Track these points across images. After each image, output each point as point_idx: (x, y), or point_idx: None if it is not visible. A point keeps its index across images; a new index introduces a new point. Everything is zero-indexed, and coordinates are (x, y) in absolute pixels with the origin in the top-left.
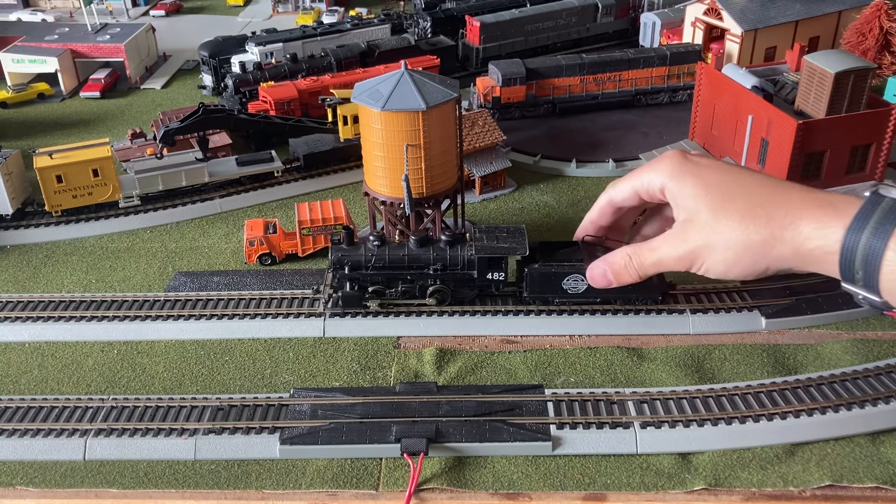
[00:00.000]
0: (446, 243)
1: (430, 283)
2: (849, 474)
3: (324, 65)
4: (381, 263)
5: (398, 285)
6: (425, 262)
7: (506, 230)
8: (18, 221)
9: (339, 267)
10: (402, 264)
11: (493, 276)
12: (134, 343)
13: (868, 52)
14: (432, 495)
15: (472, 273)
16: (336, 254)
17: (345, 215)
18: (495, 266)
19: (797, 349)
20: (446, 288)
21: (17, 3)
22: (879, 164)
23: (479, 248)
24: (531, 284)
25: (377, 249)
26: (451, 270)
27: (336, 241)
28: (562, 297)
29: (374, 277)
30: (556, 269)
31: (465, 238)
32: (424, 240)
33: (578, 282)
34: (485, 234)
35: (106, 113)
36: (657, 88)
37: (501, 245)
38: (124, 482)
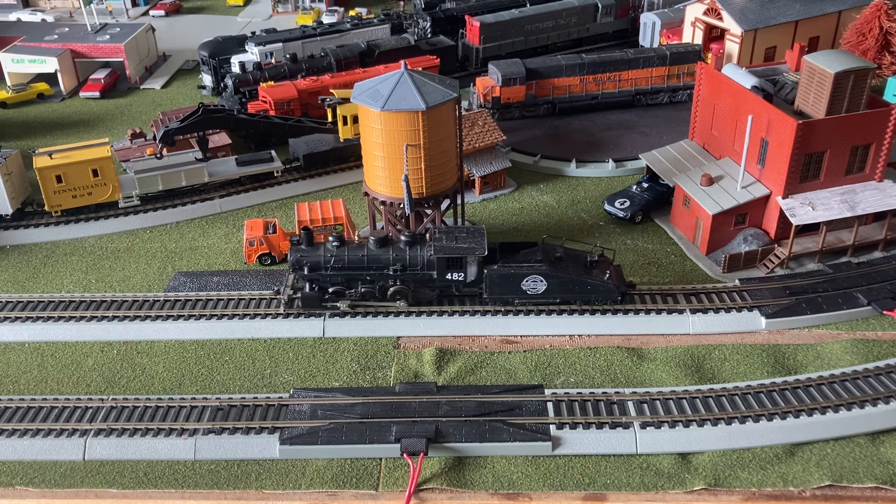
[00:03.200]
0: (406, 244)
1: (390, 284)
2: (849, 474)
3: (324, 65)
4: (340, 264)
5: (358, 286)
6: (385, 262)
7: (465, 231)
8: (18, 221)
9: (299, 268)
10: (361, 265)
11: (453, 277)
12: (134, 343)
13: (868, 52)
14: (432, 495)
15: (431, 273)
16: (295, 255)
17: (345, 215)
18: (454, 266)
19: (797, 349)
20: (407, 288)
21: (17, 3)
22: (879, 164)
23: (437, 249)
24: (490, 285)
25: (336, 250)
26: (411, 271)
27: (295, 242)
28: (521, 298)
29: (334, 278)
30: (515, 270)
31: (424, 238)
32: (384, 240)
33: (537, 282)
34: (444, 235)
35: (106, 113)
36: (657, 88)
37: (460, 245)
38: (124, 482)
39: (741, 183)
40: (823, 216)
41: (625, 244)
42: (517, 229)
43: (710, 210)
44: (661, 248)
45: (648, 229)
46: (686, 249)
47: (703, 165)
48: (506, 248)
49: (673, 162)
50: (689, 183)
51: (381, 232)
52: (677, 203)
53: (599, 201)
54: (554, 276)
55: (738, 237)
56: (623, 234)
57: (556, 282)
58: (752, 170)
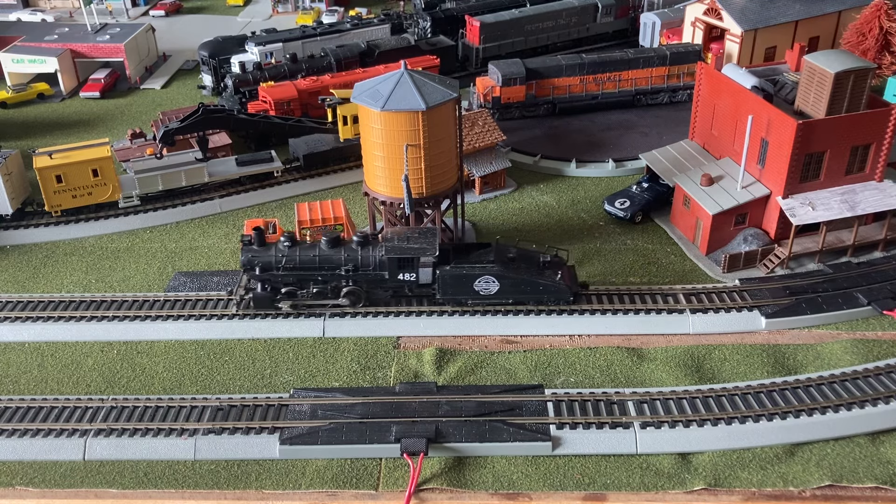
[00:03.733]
0: (357, 244)
1: (343, 284)
2: (849, 474)
3: (324, 65)
4: (291, 264)
5: (311, 286)
6: (336, 262)
7: (418, 231)
8: (18, 221)
9: (250, 268)
10: (313, 265)
11: (405, 277)
12: (134, 343)
13: (868, 52)
14: (432, 495)
15: (383, 274)
16: (246, 255)
17: (344, 215)
18: (406, 266)
19: (797, 349)
20: (360, 289)
21: (17, 3)
22: (879, 164)
23: (388, 249)
24: (443, 286)
25: (288, 250)
26: (363, 271)
27: (247, 242)
28: (475, 299)
29: (286, 278)
30: (468, 271)
31: (377, 239)
32: (336, 240)
33: (490, 283)
34: (396, 236)
35: (106, 113)
36: (657, 88)
37: (412, 246)
38: (124, 482)
39: (741, 183)
40: (823, 216)
41: (625, 244)
42: (517, 229)
43: (710, 210)
44: (661, 248)
45: (648, 229)
46: (686, 249)
47: (703, 165)
48: (460, 248)
49: (673, 162)
50: (689, 183)
51: (332, 231)
52: (677, 203)
53: (599, 201)
54: (506, 277)
55: (738, 237)
56: (623, 234)
57: (509, 282)
58: (752, 170)
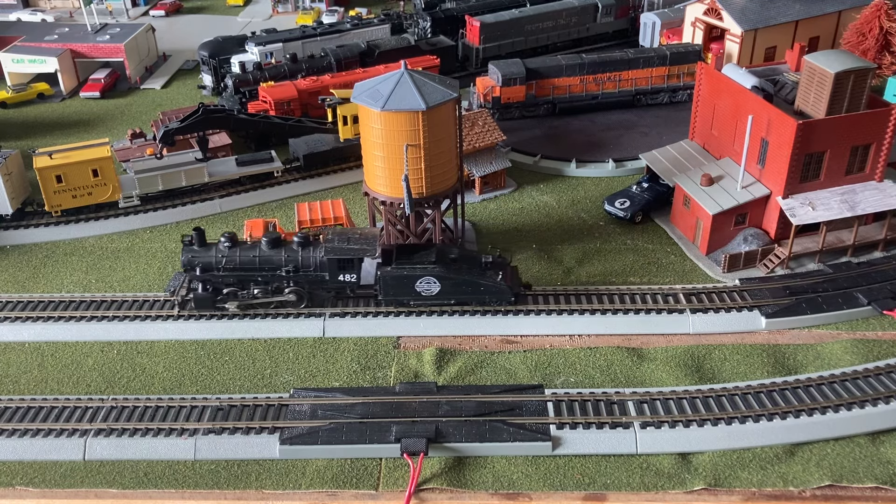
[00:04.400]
0: (298, 244)
1: (284, 285)
2: (849, 474)
3: (324, 65)
4: (231, 265)
5: (251, 287)
6: (277, 263)
7: (359, 232)
8: (18, 221)
9: (191, 268)
10: (253, 265)
11: (345, 278)
12: (134, 343)
13: (868, 52)
14: (432, 495)
15: (324, 275)
16: (187, 255)
17: (345, 215)
18: (346, 267)
19: (797, 349)
20: (301, 290)
21: (17, 3)
22: (879, 164)
23: (328, 250)
24: (385, 287)
25: (228, 251)
26: (304, 272)
27: (187, 243)
28: (416, 300)
29: (227, 279)
30: (409, 272)
31: (318, 240)
32: (276, 241)
33: (431, 284)
34: (337, 236)
35: (106, 113)
36: (657, 88)
37: (352, 247)
38: (124, 482)
39: (741, 183)
40: (823, 216)
41: (625, 244)
42: (517, 229)
43: (710, 210)
44: (661, 248)
45: (648, 229)
46: (686, 249)
47: (703, 165)
48: (403, 249)
49: (673, 162)
50: (689, 183)
51: (274, 232)
52: (677, 203)
53: (599, 201)
54: (447, 278)
55: (738, 237)
56: (623, 234)
57: (450, 283)
58: (752, 170)
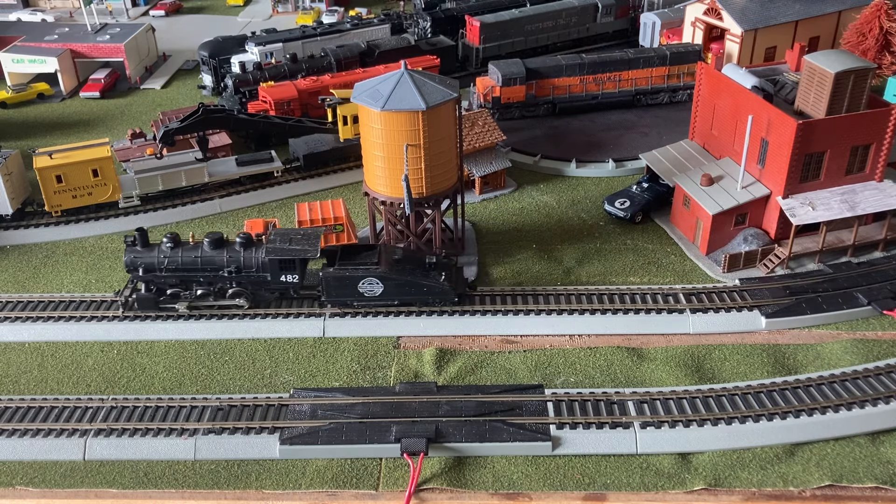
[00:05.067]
0: (240, 245)
1: (228, 286)
2: (849, 474)
3: (324, 65)
4: (174, 266)
5: (194, 288)
6: (219, 264)
7: (301, 233)
8: (18, 221)
9: (133, 269)
10: (195, 266)
11: (287, 279)
12: (134, 343)
13: (868, 52)
14: (432, 495)
15: (265, 275)
16: (129, 256)
17: (345, 215)
18: (287, 268)
19: (797, 349)
20: (245, 290)
21: (17, 3)
22: (879, 164)
23: (269, 251)
24: (327, 288)
25: (170, 251)
26: (246, 272)
27: (130, 243)
28: (359, 301)
29: (169, 280)
30: (351, 273)
31: (261, 240)
32: (219, 241)
33: (374, 284)
34: (278, 237)
35: (106, 113)
36: (657, 88)
37: (293, 247)
38: (124, 482)
39: (741, 183)
40: (823, 216)
41: (625, 244)
42: (517, 229)
43: (710, 210)
44: (661, 248)
45: (648, 229)
46: (686, 249)
47: (703, 165)
48: (348, 250)
49: (673, 162)
50: (689, 183)
51: (216, 233)
52: (677, 203)
53: (599, 201)
54: (389, 278)
55: (738, 237)
56: (623, 234)
57: (393, 284)
58: (752, 170)
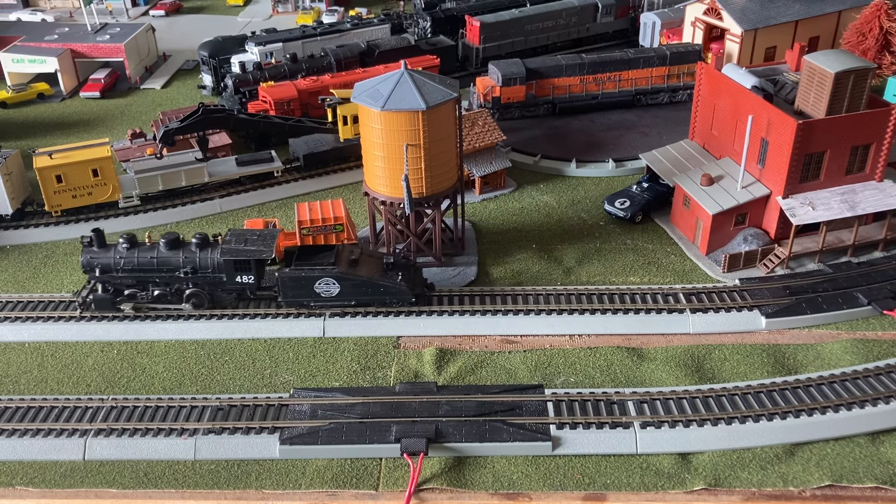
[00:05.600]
0: (196, 246)
1: (185, 287)
2: (849, 474)
3: (324, 65)
4: (130, 266)
5: (150, 288)
6: (175, 265)
7: (257, 234)
8: (18, 221)
9: (90, 270)
10: (151, 267)
11: (242, 280)
12: (134, 343)
13: (868, 52)
14: (432, 495)
15: (221, 276)
16: (86, 256)
17: (345, 215)
18: (243, 269)
19: (797, 349)
20: (202, 291)
21: (17, 3)
22: (879, 164)
23: (224, 251)
24: (283, 288)
25: (126, 252)
26: (202, 273)
27: (86, 244)
28: (316, 301)
29: (126, 280)
30: (307, 273)
31: (216, 241)
32: (175, 242)
33: (330, 285)
34: (234, 238)
35: (106, 113)
36: (657, 88)
37: (248, 248)
38: (124, 482)
39: (741, 183)
40: (823, 216)
41: (625, 244)
42: (517, 229)
43: (710, 210)
44: (661, 248)
45: (648, 229)
46: (686, 249)
47: (703, 165)
48: (305, 250)
49: (673, 162)
50: (689, 183)
51: (171, 233)
52: (677, 203)
53: (599, 201)
54: (346, 279)
55: (738, 237)
56: (623, 234)
57: (349, 284)
58: (752, 170)
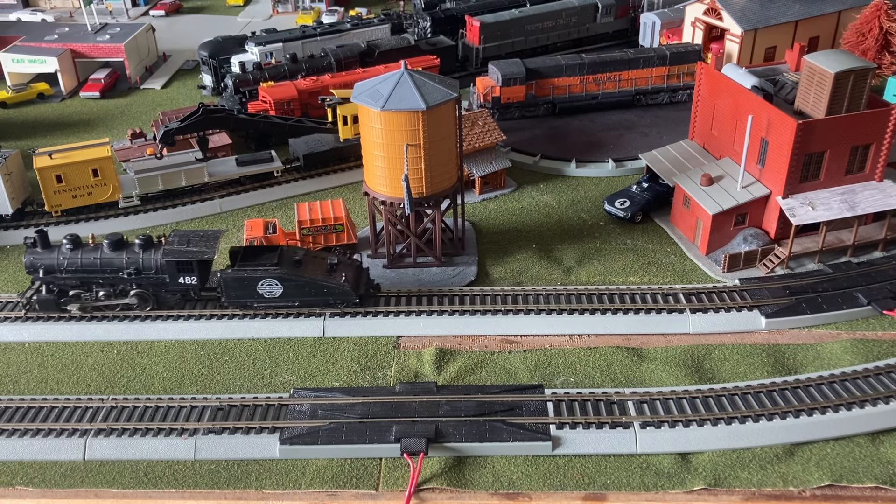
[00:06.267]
0: (140, 247)
1: (129, 287)
2: (849, 474)
3: (324, 65)
4: (73, 267)
5: (93, 289)
6: (118, 265)
7: (201, 234)
8: (18, 221)
9: (34, 270)
10: (95, 268)
11: (185, 281)
12: (134, 343)
13: (868, 52)
14: (432, 495)
15: (164, 277)
16: (29, 257)
17: (345, 215)
18: (185, 270)
19: (797, 349)
20: (146, 292)
21: (17, 3)
22: (879, 164)
23: (166, 252)
24: (226, 289)
25: (70, 253)
26: (146, 274)
27: (30, 245)
28: (260, 302)
29: (69, 281)
30: (249, 274)
31: (160, 242)
32: (119, 243)
33: (273, 286)
34: (177, 238)
35: (106, 113)
36: (657, 88)
37: (190, 249)
38: (124, 482)
39: (741, 183)
40: (823, 216)
41: (625, 244)
42: (517, 229)
43: (710, 210)
44: (661, 248)
45: (648, 229)
46: (686, 249)
47: (703, 165)
48: (250, 251)
49: (673, 162)
50: (689, 183)
51: (115, 234)
52: (677, 203)
53: (599, 201)
54: (288, 279)
55: (738, 237)
56: (623, 234)
57: (292, 284)
58: (752, 170)
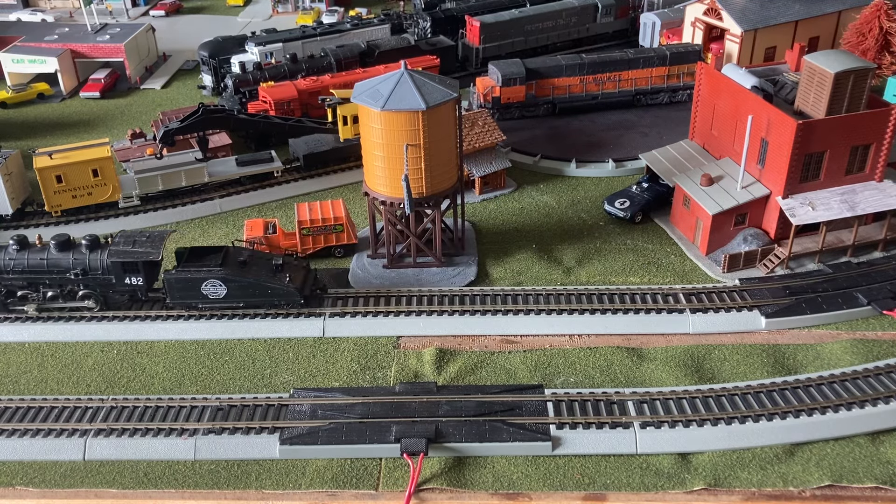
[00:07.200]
0: (87, 247)
1: (76, 288)
2: (849, 474)
3: (324, 65)
4: (20, 268)
5: (41, 290)
6: (65, 266)
7: (147, 235)
8: (18, 221)
9: None
10: (42, 269)
11: (132, 281)
12: (134, 343)
13: (868, 52)
14: (432, 495)
15: (110, 277)
16: None
17: (345, 215)
18: (131, 270)
19: (797, 349)
20: (95, 293)
21: (17, 3)
22: (879, 164)
23: (111, 253)
24: (171, 290)
25: (17, 254)
26: (92, 275)
27: None
28: (205, 303)
29: (17, 282)
30: (193, 275)
31: (107, 242)
32: (66, 244)
33: (217, 287)
34: (122, 239)
35: (106, 113)
36: (657, 88)
37: (135, 250)
38: (124, 482)
39: (741, 183)
40: (823, 216)
41: (625, 244)
42: (517, 229)
43: (710, 210)
44: (661, 248)
45: (648, 229)
46: (686, 249)
47: (703, 165)
48: (195, 252)
49: (673, 162)
50: (689, 183)
51: (62, 235)
52: (677, 203)
53: (599, 201)
54: (232, 280)
55: (738, 237)
56: (623, 234)
57: (235, 285)
58: (752, 170)
